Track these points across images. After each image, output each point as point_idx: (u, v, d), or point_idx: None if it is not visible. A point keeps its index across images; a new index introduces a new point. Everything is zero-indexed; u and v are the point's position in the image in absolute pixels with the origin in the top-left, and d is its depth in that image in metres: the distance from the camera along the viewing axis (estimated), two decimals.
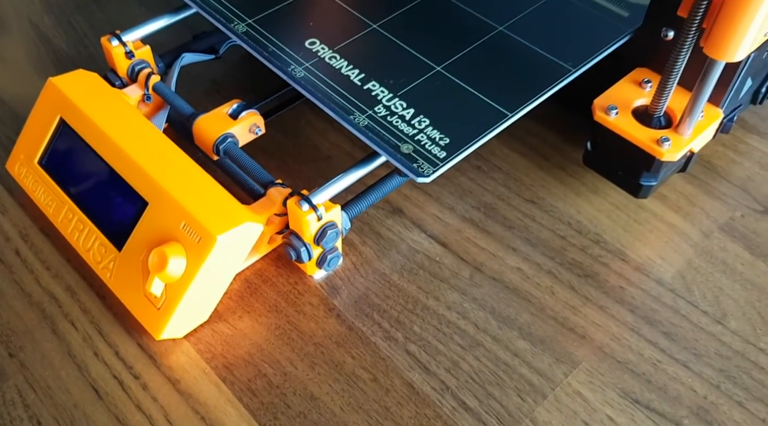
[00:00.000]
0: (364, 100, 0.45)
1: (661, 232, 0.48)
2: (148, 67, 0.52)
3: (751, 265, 0.46)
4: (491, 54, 0.48)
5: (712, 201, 0.50)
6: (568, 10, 0.51)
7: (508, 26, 0.50)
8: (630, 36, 0.48)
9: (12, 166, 0.49)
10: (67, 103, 0.46)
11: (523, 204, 0.51)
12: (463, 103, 0.45)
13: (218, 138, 0.47)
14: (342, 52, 0.48)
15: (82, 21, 0.65)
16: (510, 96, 0.45)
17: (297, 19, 0.50)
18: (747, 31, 0.37)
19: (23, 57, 0.61)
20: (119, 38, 0.51)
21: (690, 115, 0.43)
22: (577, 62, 0.47)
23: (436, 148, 0.42)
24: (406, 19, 0.50)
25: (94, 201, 0.45)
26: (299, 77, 0.46)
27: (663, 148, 0.43)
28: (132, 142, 0.44)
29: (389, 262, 0.47)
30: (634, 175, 0.46)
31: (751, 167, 0.53)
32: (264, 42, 0.48)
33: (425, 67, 0.47)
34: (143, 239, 0.41)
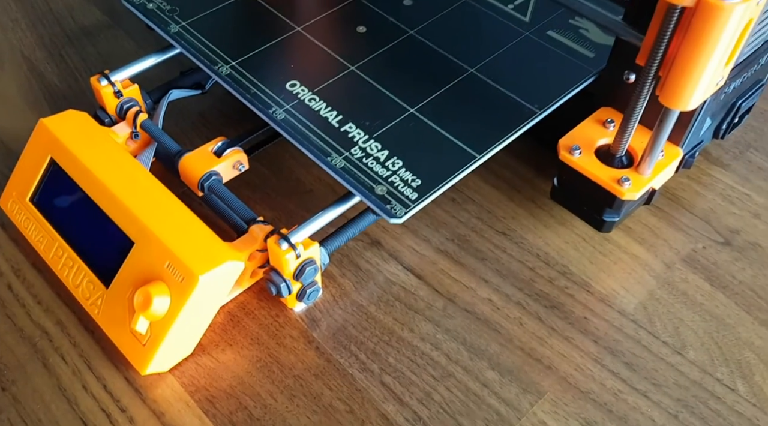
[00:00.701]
0: (341, 142, 0.47)
1: (625, 264, 0.50)
2: (137, 106, 0.54)
3: (711, 297, 0.48)
4: (462, 96, 0.50)
5: (675, 233, 0.52)
6: (535, 50, 0.53)
7: (479, 68, 0.52)
8: (595, 77, 0.51)
9: (5, 203, 0.51)
10: (57, 144, 0.48)
11: (495, 236, 0.53)
12: (435, 145, 0.47)
13: (203, 176, 0.49)
14: (321, 94, 0.50)
15: (73, 54, 0.66)
16: (479, 138, 0.47)
17: (278, 61, 0.52)
18: (698, 83, 0.39)
19: (15, 91, 0.63)
20: (108, 78, 0.53)
21: (650, 156, 0.45)
22: (543, 104, 0.49)
23: (408, 189, 0.44)
24: (383, 60, 0.52)
25: (83, 239, 0.46)
26: (280, 119, 0.48)
27: (623, 187, 0.45)
28: (119, 182, 0.46)
29: (367, 294, 0.49)
30: (598, 211, 0.48)
31: (714, 199, 0.55)
32: (246, 84, 0.50)
33: (400, 109, 0.49)
34: (130, 277, 0.43)
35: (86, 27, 0.69)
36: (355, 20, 0.55)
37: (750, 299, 0.48)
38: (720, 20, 0.35)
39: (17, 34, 0.68)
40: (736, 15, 0.35)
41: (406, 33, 0.54)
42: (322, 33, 0.54)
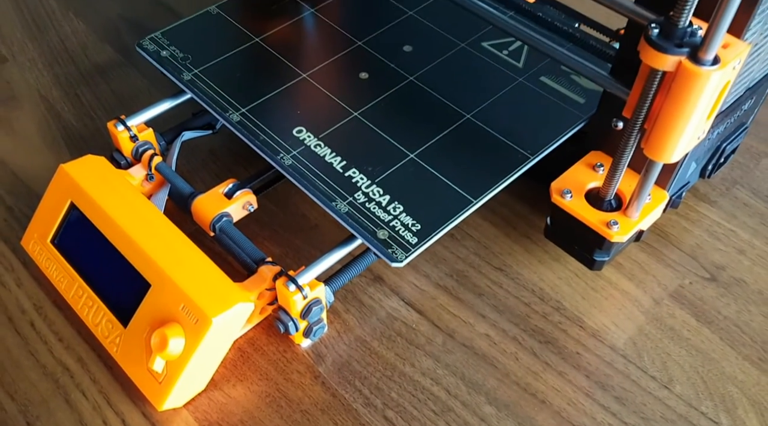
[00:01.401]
0: (345, 187, 0.49)
1: (615, 300, 0.53)
2: (151, 149, 0.56)
3: (697, 332, 0.51)
4: (459, 141, 0.52)
5: (663, 269, 0.55)
6: (528, 96, 0.55)
7: (475, 114, 0.54)
8: (585, 122, 0.53)
9: (27, 243, 0.53)
10: (77, 189, 0.50)
11: (492, 272, 0.55)
12: (434, 190, 0.49)
13: (214, 217, 0.51)
14: (326, 140, 0.52)
15: (88, 93, 0.69)
16: (475, 183, 0.49)
17: (285, 108, 0.54)
18: (680, 139, 0.41)
19: (34, 130, 0.66)
20: (124, 123, 0.55)
21: (637, 200, 0.48)
22: (535, 150, 0.51)
23: (409, 233, 0.46)
24: (384, 106, 0.55)
25: (102, 280, 0.49)
26: (287, 165, 0.50)
27: (612, 230, 0.48)
28: (136, 226, 0.48)
29: (370, 329, 0.51)
30: (589, 251, 0.50)
31: (701, 235, 0.57)
32: (256, 130, 0.53)
33: (400, 154, 0.51)
34: (147, 318, 0.46)
35: (100, 65, 0.72)
36: (358, 66, 0.58)
37: (734, 334, 0.51)
38: (698, 85, 0.37)
39: (34, 73, 0.71)
40: (713, 81, 0.37)
41: (406, 79, 0.57)
42: (327, 79, 0.57)
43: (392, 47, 0.60)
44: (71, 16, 0.77)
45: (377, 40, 0.60)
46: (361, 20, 0.62)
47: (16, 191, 0.60)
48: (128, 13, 0.78)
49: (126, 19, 0.77)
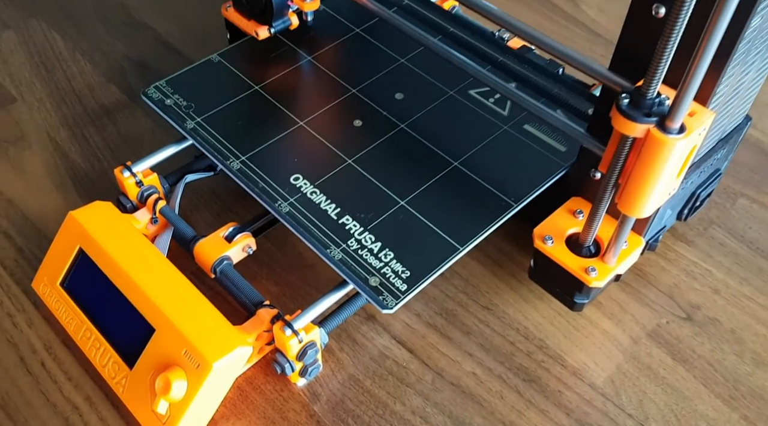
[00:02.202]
0: (339, 234, 0.52)
1: (595, 338, 0.55)
2: (156, 193, 0.59)
3: (672, 370, 0.53)
4: (447, 188, 0.55)
5: (641, 308, 0.57)
6: (512, 144, 0.58)
7: (462, 161, 0.57)
8: (566, 170, 0.55)
9: (37, 286, 0.56)
10: (85, 235, 0.53)
11: (479, 311, 0.57)
12: (422, 236, 0.51)
13: (215, 261, 0.54)
14: (321, 187, 0.55)
15: (94, 133, 0.72)
16: (461, 230, 0.52)
17: (283, 155, 0.57)
18: (651, 197, 0.43)
19: (43, 171, 0.68)
20: (130, 169, 0.58)
21: (614, 247, 0.50)
22: (518, 197, 0.54)
23: (399, 280, 0.49)
24: (377, 154, 0.57)
25: (109, 323, 0.51)
26: (285, 213, 0.53)
27: (590, 276, 0.50)
28: (141, 271, 0.50)
29: (363, 368, 0.53)
30: (569, 293, 0.53)
31: (678, 275, 0.59)
32: (255, 178, 0.55)
33: (391, 201, 0.54)
34: (151, 361, 0.48)
35: (106, 106, 0.75)
36: (352, 114, 0.60)
37: (707, 373, 0.53)
38: (665, 152, 0.40)
39: (42, 113, 0.74)
40: (680, 148, 0.40)
41: (398, 126, 0.59)
42: (323, 127, 0.59)
43: (385, 95, 0.62)
44: (78, 57, 0.80)
45: (371, 87, 0.63)
46: (355, 67, 0.65)
47: (26, 232, 0.62)
48: (133, 54, 0.80)
49: (131, 60, 0.80)
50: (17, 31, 0.83)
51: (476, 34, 0.65)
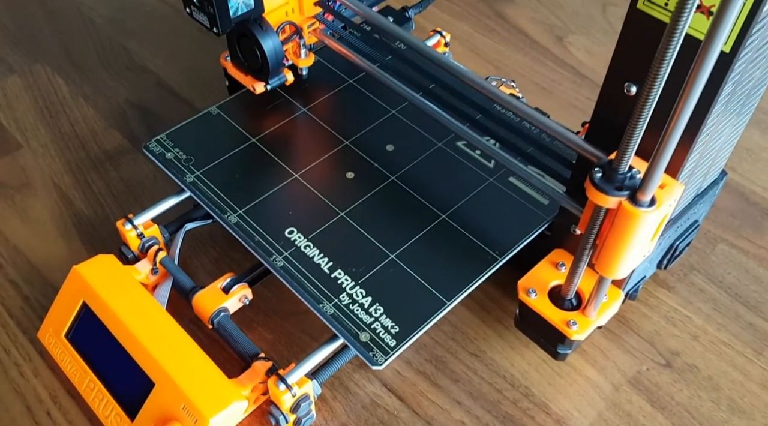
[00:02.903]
0: (331, 288, 0.54)
1: (579, 386, 0.57)
2: (157, 244, 0.61)
3: (651, 418, 0.55)
4: (435, 241, 0.57)
5: (623, 355, 0.59)
6: (497, 197, 0.60)
7: (450, 214, 0.59)
8: (549, 224, 0.58)
9: (43, 336, 0.58)
10: (88, 290, 0.55)
11: (467, 357, 0.59)
12: (411, 291, 0.53)
13: (213, 313, 0.56)
14: (315, 241, 0.57)
15: (97, 179, 0.74)
16: (448, 284, 0.54)
17: (279, 208, 0.59)
18: (626, 261, 0.45)
19: (48, 218, 0.70)
20: (131, 222, 0.60)
21: (594, 301, 0.52)
22: (503, 251, 0.56)
23: (388, 336, 0.51)
24: (368, 206, 0.59)
25: (111, 376, 0.53)
26: (279, 267, 0.55)
27: (572, 329, 0.52)
28: (141, 326, 0.53)
29: (354, 417, 0.55)
30: (552, 344, 0.55)
31: (659, 321, 0.61)
32: (251, 232, 0.57)
33: (382, 254, 0.56)
34: (152, 414, 0.50)
35: (108, 151, 0.77)
36: (344, 166, 0.63)
37: (685, 420, 0.55)
38: (636, 224, 0.42)
39: (47, 159, 0.76)
40: (651, 220, 0.42)
41: (388, 179, 0.62)
42: (316, 179, 0.62)
43: (376, 146, 0.64)
44: (81, 101, 0.82)
45: (363, 139, 0.65)
46: (348, 119, 0.67)
47: (31, 280, 0.64)
48: (134, 98, 0.83)
49: (132, 105, 0.82)
50: (22, 76, 0.85)
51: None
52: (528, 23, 0.93)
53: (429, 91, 0.59)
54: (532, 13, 0.95)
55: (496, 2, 0.97)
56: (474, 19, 0.94)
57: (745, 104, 0.48)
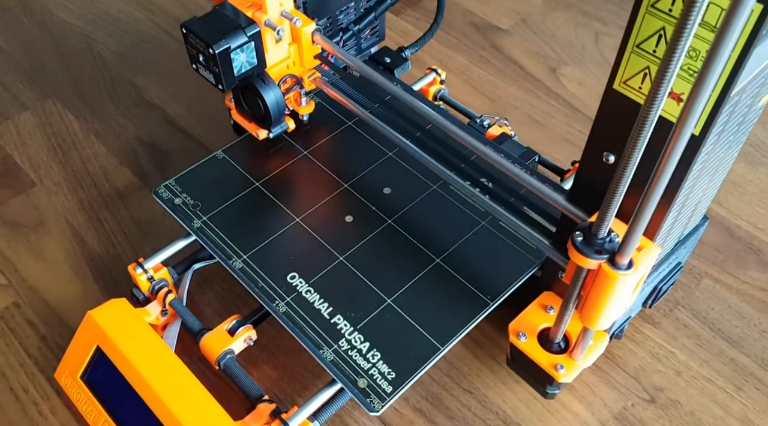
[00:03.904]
0: (331, 334, 0.56)
1: (567, 422, 0.59)
2: (166, 286, 0.63)
3: None
4: (430, 286, 0.59)
5: (609, 391, 0.61)
6: (489, 241, 0.62)
7: (444, 258, 0.61)
8: (537, 268, 0.60)
9: (60, 376, 0.60)
10: (102, 335, 0.57)
11: (462, 394, 0.61)
12: (407, 336, 0.56)
13: (219, 355, 0.58)
14: (315, 286, 0.59)
15: (109, 218, 0.76)
16: (442, 329, 0.56)
17: (281, 253, 0.61)
18: (607, 314, 0.48)
19: (62, 258, 0.73)
20: (142, 266, 0.62)
21: (581, 345, 0.54)
22: (494, 295, 0.58)
23: (385, 382, 0.53)
24: (366, 250, 0.62)
25: (125, 418, 0.56)
26: (282, 313, 0.57)
27: (559, 372, 0.54)
28: (152, 370, 0.55)
29: None
30: (541, 384, 0.57)
31: (644, 357, 0.64)
32: (255, 278, 0.60)
33: (379, 299, 0.58)
34: None
35: (119, 189, 0.79)
36: (343, 210, 0.65)
37: None
38: (615, 285, 0.44)
39: (60, 198, 0.78)
40: (628, 282, 0.44)
41: (385, 222, 0.64)
42: (317, 223, 0.64)
43: (374, 189, 0.67)
44: (92, 138, 0.85)
45: (361, 182, 0.67)
46: (347, 161, 0.69)
47: (48, 320, 0.67)
48: (143, 135, 0.85)
49: (141, 142, 0.84)
50: (34, 113, 0.88)
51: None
52: (522, 54, 0.95)
53: (417, 138, 0.62)
54: (526, 44, 0.97)
55: (490, 33, 0.99)
56: (470, 50, 0.96)
57: (719, 166, 0.50)
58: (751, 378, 0.62)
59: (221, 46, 0.56)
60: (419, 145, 0.61)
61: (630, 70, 0.40)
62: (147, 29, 1.00)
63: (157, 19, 1.02)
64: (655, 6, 0.36)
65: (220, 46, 0.56)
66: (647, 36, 0.37)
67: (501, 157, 0.55)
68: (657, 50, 0.37)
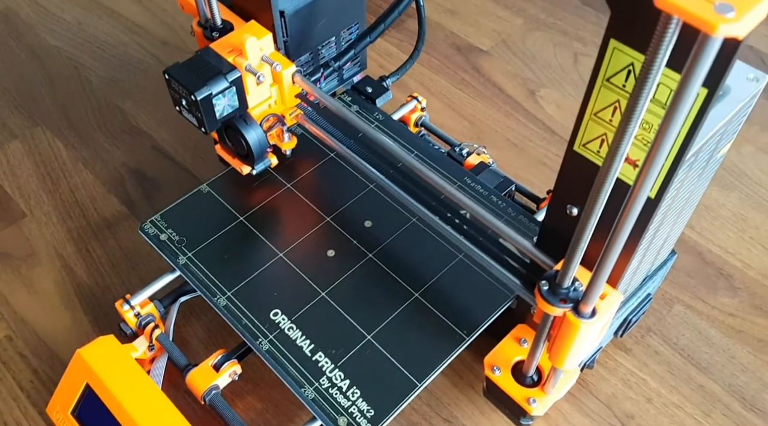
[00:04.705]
0: (312, 371, 0.58)
1: None
2: (153, 321, 0.65)
3: None
4: (408, 321, 0.61)
5: (582, 418, 0.63)
6: (467, 273, 0.64)
7: (422, 292, 0.63)
8: (512, 301, 0.62)
9: (51, 411, 0.62)
10: (91, 373, 0.59)
11: (441, 423, 0.63)
12: (386, 373, 0.58)
13: (204, 391, 0.60)
14: (298, 322, 0.61)
15: (97, 248, 0.78)
16: (420, 365, 0.58)
17: (265, 289, 0.63)
18: (575, 355, 0.50)
19: (52, 289, 0.74)
20: (129, 303, 0.64)
21: (552, 379, 0.56)
22: (470, 330, 0.60)
23: (364, 420, 0.55)
24: (347, 285, 0.63)
25: None
26: (265, 350, 0.59)
27: (532, 406, 0.56)
28: (139, 408, 0.57)
29: None
30: (516, 416, 0.59)
31: (616, 384, 0.66)
32: (239, 315, 0.61)
33: (359, 335, 0.60)
34: None
35: (107, 218, 0.81)
36: (325, 244, 0.66)
37: None
38: (579, 332, 0.46)
39: (50, 228, 0.80)
40: (592, 329, 0.46)
41: (366, 256, 0.65)
42: (300, 258, 0.65)
43: (355, 223, 0.68)
44: (80, 167, 0.86)
45: (343, 215, 0.69)
46: (329, 194, 0.70)
47: (40, 353, 0.69)
48: (131, 162, 0.86)
49: (129, 168, 0.86)
50: (23, 141, 0.89)
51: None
52: (502, 76, 0.97)
53: (392, 174, 0.63)
54: (506, 66, 0.98)
55: (471, 54, 1.00)
56: (451, 72, 0.98)
57: (685, 207, 0.52)
58: (719, 404, 0.64)
59: (203, 92, 0.58)
60: (394, 182, 0.62)
61: (588, 135, 0.41)
62: (134, 53, 1.01)
63: (143, 43, 1.03)
64: (610, 80, 0.37)
65: (201, 92, 0.58)
66: (603, 106, 0.39)
67: (470, 200, 0.56)
68: (613, 120, 0.39)
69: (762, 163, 0.84)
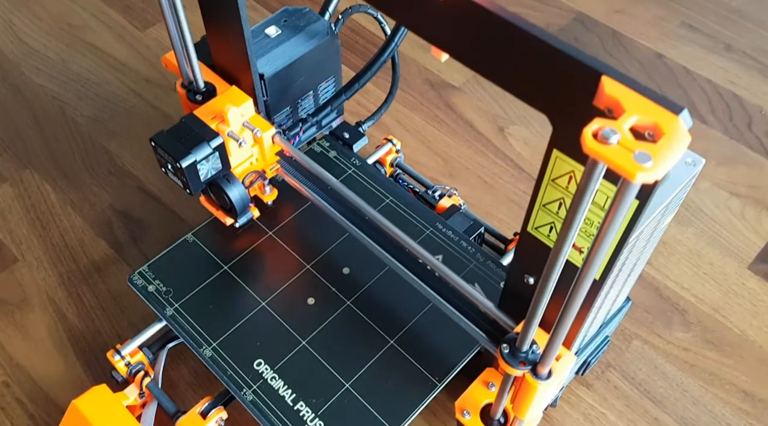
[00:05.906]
0: (294, 421, 0.61)
1: None
2: (143, 369, 0.68)
3: None
4: (384, 368, 0.65)
5: None
6: (440, 317, 0.67)
7: (397, 339, 0.66)
8: (480, 347, 0.66)
9: None
10: (86, 422, 0.62)
11: None
12: (364, 420, 0.61)
13: None
14: (280, 372, 0.64)
15: (87, 292, 0.81)
16: (394, 412, 0.62)
17: (248, 339, 0.66)
18: (536, 408, 0.54)
19: (45, 334, 0.77)
20: (119, 353, 0.67)
21: (518, 423, 0.60)
22: (442, 376, 0.64)
23: None
24: (327, 333, 0.67)
25: None
26: (249, 401, 0.63)
27: None
28: None
29: None
30: None
31: (578, 419, 0.70)
32: (224, 366, 0.65)
33: (338, 384, 0.64)
34: None
35: (96, 262, 0.83)
36: (306, 292, 0.70)
37: None
38: (537, 392, 0.50)
39: (41, 273, 0.82)
40: (549, 390, 0.50)
41: (344, 303, 0.69)
42: (281, 306, 0.69)
43: (334, 269, 0.72)
44: (69, 210, 0.89)
45: (322, 262, 0.72)
46: (309, 240, 0.74)
47: (35, 397, 0.72)
48: (117, 204, 0.89)
49: (116, 210, 0.88)
50: (13, 184, 0.91)
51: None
52: (473, 113, 1.01)
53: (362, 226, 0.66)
54: (477, 102, 1.02)
55: (444, 90, 1.04)
56: (425, 109, 1.01)
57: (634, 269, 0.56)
58: None
59: (188, 160, 0.61)
60: (365, 232, 0.66)
61: (539, 221, 0.45)
62: (117, 91, 1.03)
63: (127, 80, 1.05)
64: (555, 181, 0.41)
65: (186, 160, 0.61)
66: (550, 200, 0.43)
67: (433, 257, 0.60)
68: (559, 212, 0.43)
69: (717, 199, 0.89)
